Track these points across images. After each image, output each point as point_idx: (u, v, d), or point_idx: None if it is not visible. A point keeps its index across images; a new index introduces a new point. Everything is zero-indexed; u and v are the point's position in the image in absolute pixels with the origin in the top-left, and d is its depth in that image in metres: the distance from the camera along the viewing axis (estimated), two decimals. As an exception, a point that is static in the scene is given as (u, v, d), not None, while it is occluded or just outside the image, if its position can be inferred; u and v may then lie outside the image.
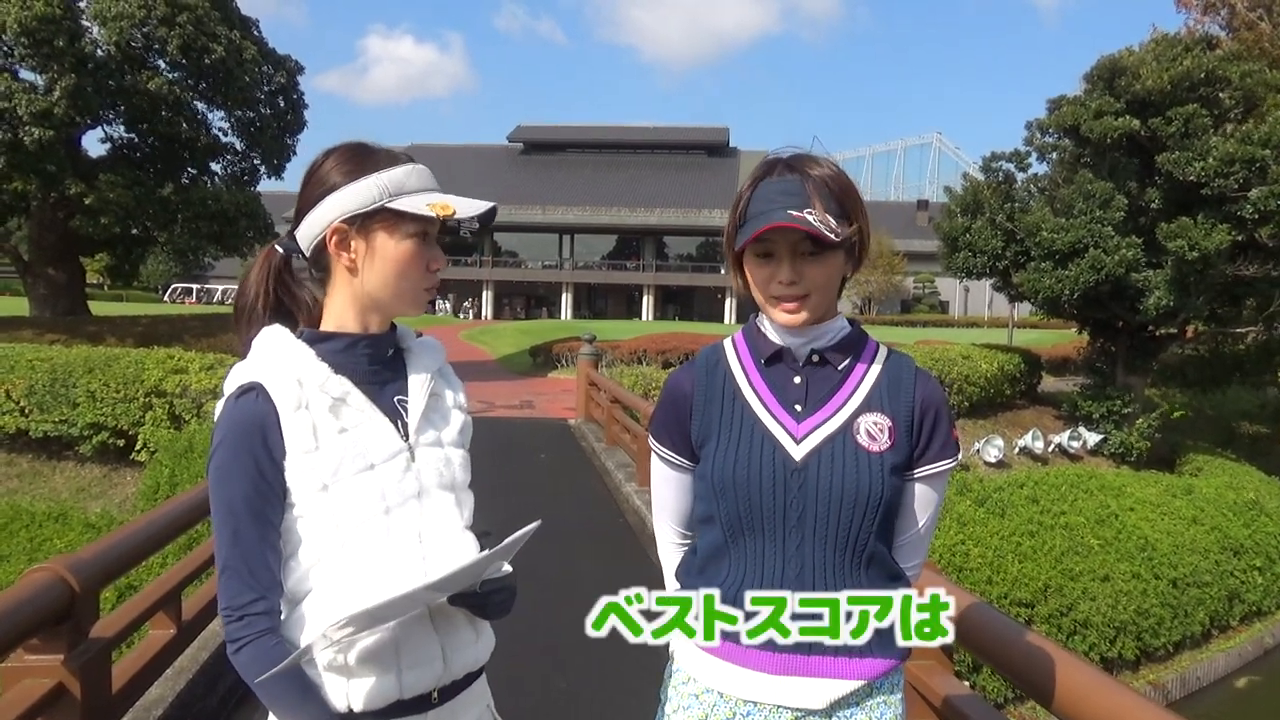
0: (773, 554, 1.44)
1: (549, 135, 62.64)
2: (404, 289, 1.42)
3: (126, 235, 20.87)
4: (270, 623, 1.32)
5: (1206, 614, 10.20)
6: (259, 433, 1.31)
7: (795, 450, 1.44)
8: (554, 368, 22.93)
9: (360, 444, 1.36)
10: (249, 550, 1.31)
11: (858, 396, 1.47)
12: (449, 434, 1.50)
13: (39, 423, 9.93)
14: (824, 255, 1.42)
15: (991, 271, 16.69)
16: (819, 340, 1.48)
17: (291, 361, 1.37)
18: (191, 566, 3.92)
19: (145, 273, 49.29)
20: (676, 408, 1.56)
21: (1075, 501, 11.31)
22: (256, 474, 1.31)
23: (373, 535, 1.35)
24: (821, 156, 1.50)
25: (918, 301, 59.04)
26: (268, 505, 1.32)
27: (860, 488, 1.41)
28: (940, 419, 1.49)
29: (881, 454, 1.43)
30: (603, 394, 11.70)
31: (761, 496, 1.43)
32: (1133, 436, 15.34)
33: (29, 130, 16.24)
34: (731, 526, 1.47)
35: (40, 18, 16.00)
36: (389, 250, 1.39)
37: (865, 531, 1.43)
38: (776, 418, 1.46)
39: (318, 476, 1.32)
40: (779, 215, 1.38)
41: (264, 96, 21.67)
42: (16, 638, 2.42)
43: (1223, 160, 13.46)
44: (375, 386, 1.43)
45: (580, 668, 4.39)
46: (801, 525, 1.42)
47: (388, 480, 1.37)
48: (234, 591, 1.31)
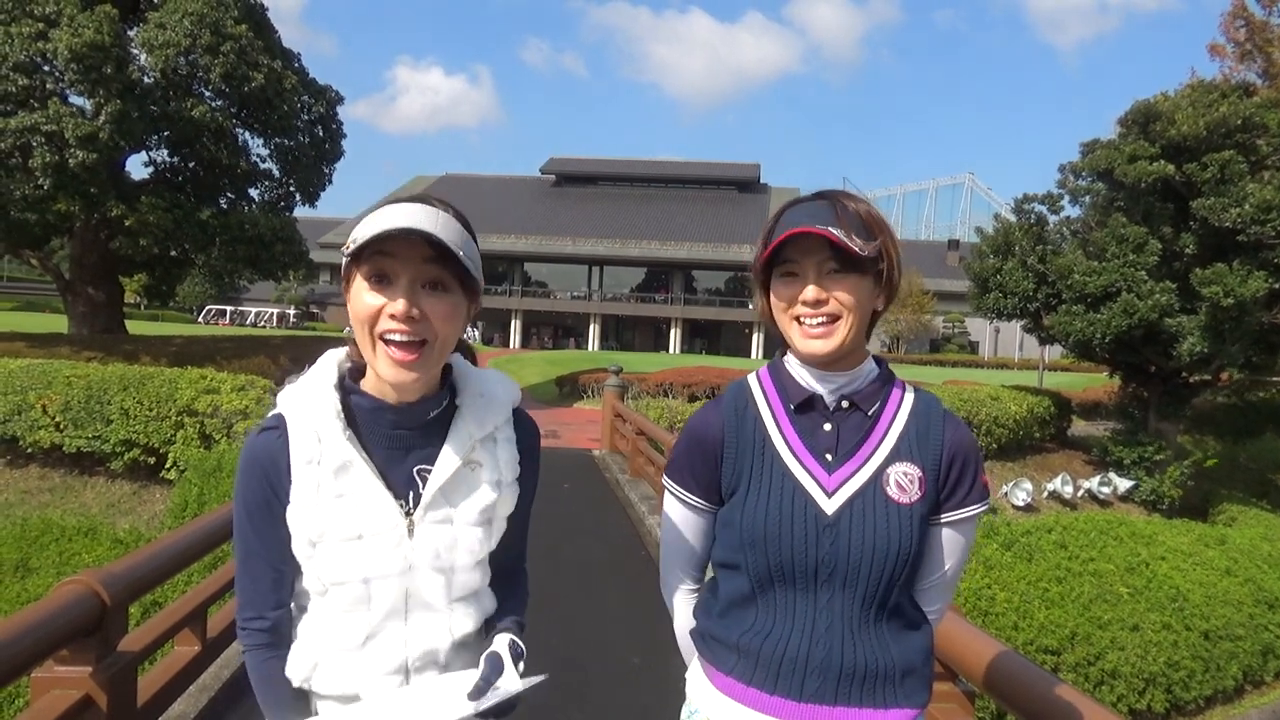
0: (804, 607, 1.43)
1: (581, 168, 63.22)
2: (364, 342, 1.30)
3: (165, 257, 21.25)
4: (265, 639, 1.41)
5: (1239, 668, 9.94)
6: (268, 471, 1.35)
7: (827, 504, 1.42)
8: (580, 398, 22.98)
9: (352, 513, 1.34)
10: (253, 572, 1.39)
11: (887, 444, 1.45)
12: (467, 512, 1.40)
13: (73, 438, 10.09)
14: (851, 276, 1.40)
15: (1022, 313, 16.58)
16: (850, 386, 1.46)
17: (317, 411, 1.35)
18: (217, 585, 3.95)
19: (181, 294, 50.03)
20: (704, 451, 1.51)
21: (1105, 548, 11.11)
22: (263, 504, 1.36)
23: (350, 598, 1.36)
24: (854, 193, 1.50)
25: (947, 341, 58.62)
26: (272, 533, 1.36)
27: (891, 542, 1.40)
28: (969, 464, 1.47)
29: (911, 505, 1.42)
30: (628, 426, 11.70)
31: (794, 552, 1.41)
32: (1165, 484, 15.08)
33: (74, 153, 16.62)
34: (760, 578, 1.45)
35: (90, 45, 16.41)
36: (350, 302, 1.31)
37: (894, 584, 1.42)
38: (808, 469, 1.44)
39: (308, 532, 1.34)
40: (806, 224, 1.38)
41: (303, 125, 22.05)
42: (48, 648, 2.46)
43: (1260, 207, 13.33)
44: (396, 452, 1.37)
45: (601, 704, 4.36)
46: (832, 580, 1.41)
47: (372, 553, 1.34)
48: (240, 605, 1.42)
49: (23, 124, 16.51)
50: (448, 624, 1.42)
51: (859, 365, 1.47)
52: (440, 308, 1.28)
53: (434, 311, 1.27)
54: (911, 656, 1.45)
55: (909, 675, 1.44)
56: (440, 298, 1.28)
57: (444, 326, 1.29)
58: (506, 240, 52.15)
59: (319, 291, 61.80)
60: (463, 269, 1.28)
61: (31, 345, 17.24)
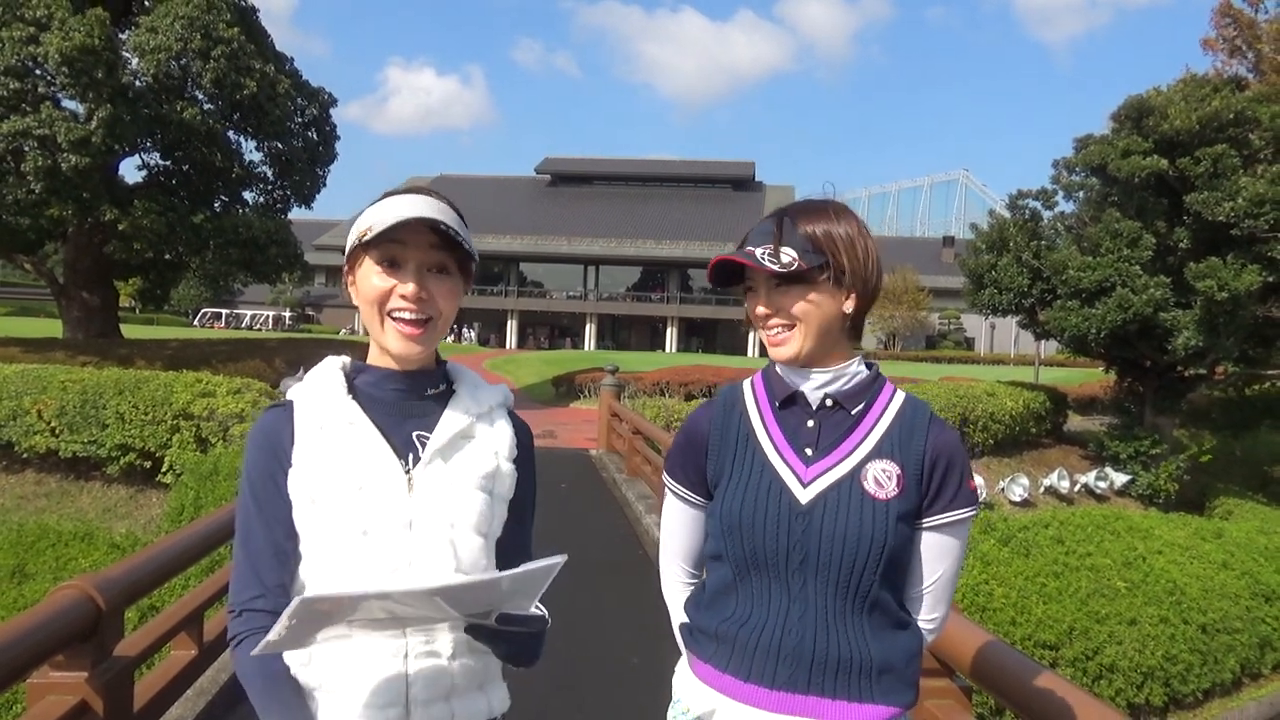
0: (779, 593, 1.45)
1: (576, 167, 63.21)
2: (372, 319, 1.42)
3: (159, 260, 21.23)
4: (267, 621, 1.32)
5: (1237, 661, 9.96)
6: (274, 442, 1.40)
7: (801, 494, 1.45)
8: (576, 398, 22.98)
9: (354, 465, 1.38)
10: (256, 550, 1.39)
11: (869, 442, 1.47)
12: (468, 474, 1.44)
13: (68, 443, 10.07)
14: (795, 287, 1.46)
15: (1017, 309, 16.61)
16: (833, 384, 1.49)
17: (322, 385, 1.44)
18: (214, 588, 3.95)
19: (176, 297, 49.97)
20: (693, 446, 1.58)
21: (1102, 543, 11.12)
22: (268, 479, 1.39)
23: (350, 555, 1.36)
24: (823, 201, 1.53)
25: (943, 338, 58.68)
26: (275, 510, 1.39)
27: (864, 534, 1.41)
28: (952, 467, 1.47)
29: (888, 501, 1.43)
30: (624, 425, 11.70)
31: (765, 538, 1.44)
32: (1161, 478, 15.12)
33: (67, 157, 16.57)
34: (739, 565, 1.48)
35: (81, 48, 16.36)
36: (358, 284, 1.44)
37: (869, 577, 1.42)
38: (786, 460, 1.48)
39: (309, 490, 1.37)
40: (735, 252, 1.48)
41: (296, 128, 22.01)
42: (43, 654, 2.45)
43: (1253, 201, 13.37)
44: (397, 419, 1.44)
45: (597, 704, 4.36)
46: (804, 568, 1.43)
47: (372, 504, 1.37)
48: (239, 587, 1.39)
49: (15, 128, 16.48)
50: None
51: (842, 364, 1.50)
52: (443, 289, 1.43)
53: (438, 292, 1.42)
54: (892, 655, 1.45)
55: (887, 673, 1.43)
56: (443, 280, 1.43)
57: (446, 305, 1.44)
58: (502, 240, 52.10)
59: (314, 293, 61.78)
60: (464, 254, 1.43)
61: (26, 350, 17.21)
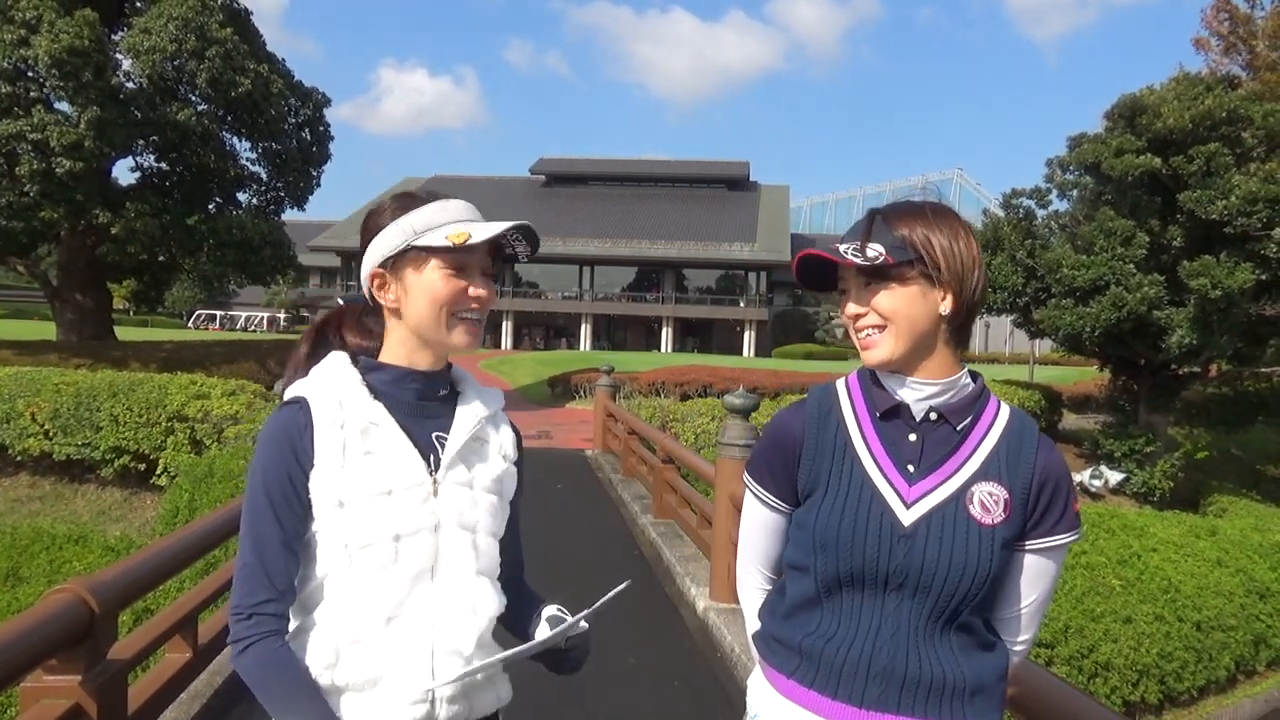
0: (870, 611, 1.40)
1: (571, 168, 63.15)
2: (437, 318, 1.44)
3: (153, 262, 21.18)
4: (277, 625, 1.34)
5: (1232, 658, 9.99)
6: (293, 441, 1.37)
7: (904, 515, 1.38)
8: (572, 398, 22.97)
9: (382, 468, 1.39)
10: (268, 552, 1.35)
11: (974, 461, 1.40)
12: (482, 477, 1.50)
13: (62, 446, 10.04)
14: (885, 285, 1.39)
15: (1012, 308, 16.64)
16: (940, 397, 1.42)
17: (338, 383, 1.42)
18: (208, 591, 3.94)
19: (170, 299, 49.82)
20: (783, 451, 1.50)
21: (1096, 541, 11.14)
22: (285, 479, 1.36)
23: (380, 559, 1.37)
24: (920, 201, 1.46)
25: (937, 337, 58.72)
26: (291, 511, 1.36)
27: (969, 562, 1.35)
28: (1060, 491, 1.41)
29: (994, 527, 1.37)
30: (620, 425, 11.70)
31: (865, 559, 1.38)
32: (1155, 476, 15.16)
33: (60, 161, 16.52)
34: (828, 582, 1.42)
35: (69, 50, 16.29)
36: (418, 284, 1.44)
37: (967, 603, 1.38)
38: (888, 477, 1.41)
39: (336, 493, 1.36)
40: (822, 247, 1.42)
41: (290, 129, 21.98)
42: (36, 657, 2.45)
43: (1246, 199, 13.41)
44: (416, 420, 1.46)
45: (598, 704, 4.36)
46: (901, 590, 1.38)
47: (402, 508, 1.39)
48: (247, 590, 1.34)
49: (8, 131, 16.43)
50: (471, 602, 1.43)
51: (949, 375, 1.42)
52: (493, 290, 1.53)
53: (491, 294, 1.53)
54: (984, 675, 1.41)
55: (980, 693, 1.39)
56: (491, 283, 1.52)
57: (491, 305, 1.52)
58: (497, 241, 51.94)
59: (309, 295, 61.64)
60: (505, 261, 1.55)
61: (20, 353, 17.16)
